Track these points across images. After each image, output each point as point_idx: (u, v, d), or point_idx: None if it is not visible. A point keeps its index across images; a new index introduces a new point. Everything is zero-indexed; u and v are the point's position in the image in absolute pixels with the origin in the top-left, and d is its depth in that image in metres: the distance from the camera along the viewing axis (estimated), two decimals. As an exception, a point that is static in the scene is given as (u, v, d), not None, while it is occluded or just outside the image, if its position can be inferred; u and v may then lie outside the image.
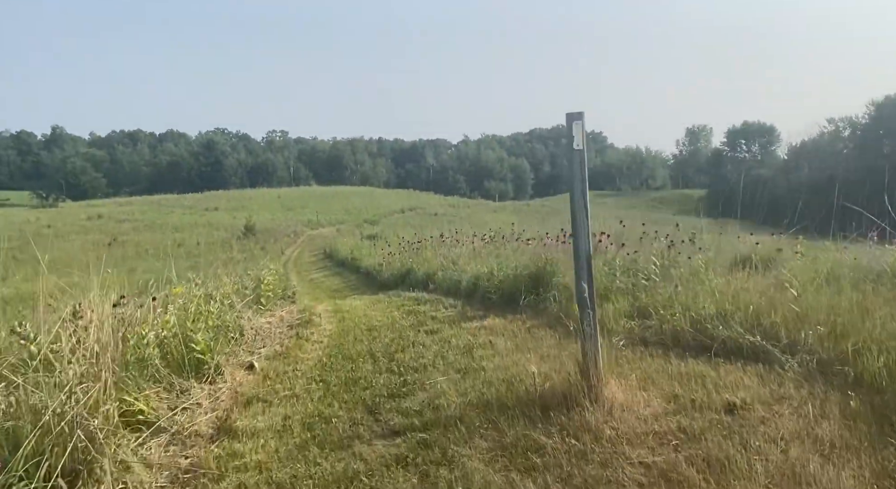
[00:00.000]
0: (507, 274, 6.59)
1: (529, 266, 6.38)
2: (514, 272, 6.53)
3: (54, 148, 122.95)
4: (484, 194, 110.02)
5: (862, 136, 78.07)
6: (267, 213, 61.89)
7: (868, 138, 75.58)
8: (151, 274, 23.52)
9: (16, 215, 61.48)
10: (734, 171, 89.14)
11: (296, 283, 17.98)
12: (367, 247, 21.37)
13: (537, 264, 6.26)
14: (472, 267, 8.54)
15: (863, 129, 79.09)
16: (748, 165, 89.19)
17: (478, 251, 11.05)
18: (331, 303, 10.52)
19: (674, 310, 4.41)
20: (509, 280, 6.48)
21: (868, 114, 79.38)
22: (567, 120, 3.12)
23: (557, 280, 5.79)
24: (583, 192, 3.18)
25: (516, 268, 6.59)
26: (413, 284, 10.90)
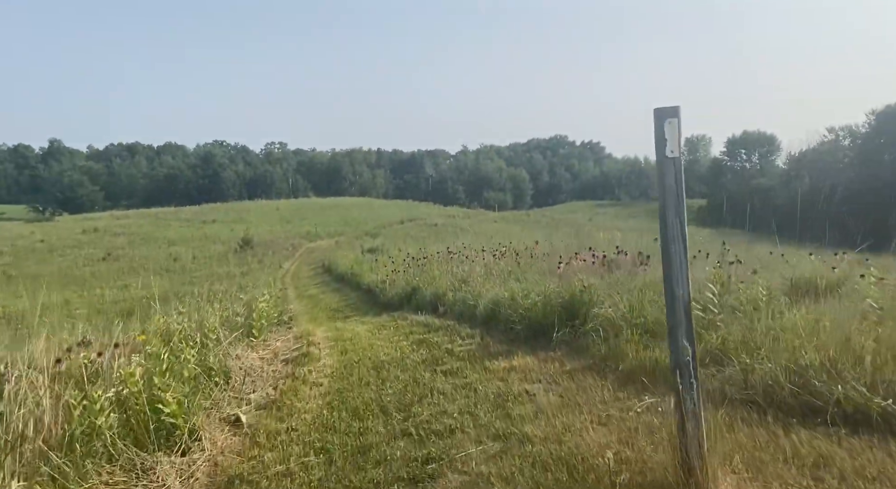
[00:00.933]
0: (535, 300, 5.72)
1: (562, 293, 5.52)
2: (543, 299, 5.67)
3: (52, 161, 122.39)
4: (483, 204, 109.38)
5: (862, 145, 77.50)
6: (265, 226, 61.14)
7: (868, 147, 74.99)
8: (145, 290, 22.47)
9: (10, 229, 60.61)
10: (734, 180, 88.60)
11: (293, 300, 17.12)
12: (368, 261, 20.50)
13: (571, 291, 5.41)
14: (487, 289, 7.68)
15: (863, 138, 78.54)
16: (748, 175, 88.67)
17: (490, 269, 10.21)
18: (331, 326, 9.67)
19: (759, 355, 3.55)
20: (537, 308, 5.62)
21: (868, 123, 78.89)
22: (656, 119, 2.30)
23: (598, 311, 4.93)
24: (678, 215, 2.36)
25: (545, 295, 5.73)
26: (420, 306, 10.04)
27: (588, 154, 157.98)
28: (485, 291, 7.52)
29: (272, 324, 8.52)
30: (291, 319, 9.48)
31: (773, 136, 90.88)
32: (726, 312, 4.68)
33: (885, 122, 74.14)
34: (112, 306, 21.38)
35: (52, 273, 35.35)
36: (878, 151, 72.02)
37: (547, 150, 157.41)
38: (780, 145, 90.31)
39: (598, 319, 4.83)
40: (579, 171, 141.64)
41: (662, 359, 3.85)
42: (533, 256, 10.18)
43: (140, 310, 16.99)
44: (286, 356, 6.67)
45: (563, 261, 9.01)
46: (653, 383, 3.63)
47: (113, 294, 25.73)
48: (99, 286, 29.51)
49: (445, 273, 10.74)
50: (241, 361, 5.52)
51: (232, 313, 7.36)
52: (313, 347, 7.00)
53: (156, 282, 30.93)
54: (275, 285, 21.36)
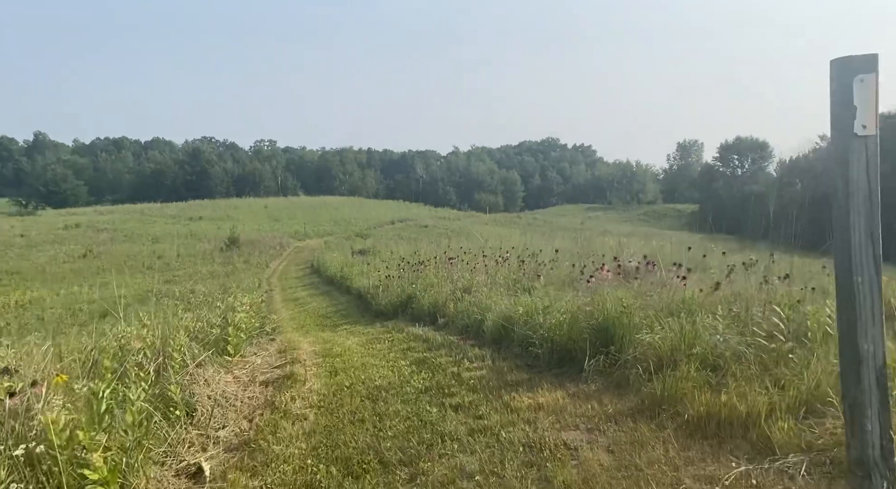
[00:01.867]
0: (559, 319, 4.87)
1: (594, 312, 4.67)
2: (569, 318, 4.83)
3: (36, 155, 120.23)
4: (474, 206, 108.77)
5: (855, 152, 77.77)
6: (253, 224, 60.11)
7: (861, 155, 75.24)
8: (125, 288, 21.45)
9: (-13, 224, 59.06)
10: (726, 186, 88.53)
11: (279, 304, 16.21)
12: (359, 264, 19.61)
13: (604, 310, 4.56)
14: (495, 301, 6.84)
15: (856, 145, 78.86)
16: (741, 181, 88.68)
17: (493, 277, 9.38)
18: (318, 337, 8.79)
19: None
20: (562, 329, 4.77)
21: (860, 130, 79.20)
22: (836, 76, 1.48)
23: (643, 337, 4.10)
24: (869, 227, 1.54)
25: (571, 314, 4.88)
26: (416, 316, 9.20)
27: (579, 157, 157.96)
28: (492, 304, 6.68)
29: (253, 336, 7.64)
30: (275, 330, 8.57)
31: (765, 142, 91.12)
32: (795, 341, 3.88)
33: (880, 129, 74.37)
34: (87, 306, 20.35)
35: (30, 269, 34.16)
36: (870, 160, 72.09)
37: (538, 153, 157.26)
38: (772, 152, 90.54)
39: (641, 347, 4.01)
40: (571, 175, 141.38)
41: (741, 408, 3.03)
42: (541, 263, 9.36)
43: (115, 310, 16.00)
44: (266, 376, 5.79)
45: (580, 269, 8.22)
46: (731, 439, 2.82)
47: (90, 292, 24.63)
48: (77, 284, 28.43)
49: (444, 280, 9.90)
50: (210, 387, 4.64)
51: (206, 325, 6.47)
52: (298, 365, 6.13)
53: (137, 280, 29.98)
54: (260, 288, 20.45)
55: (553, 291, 6.42)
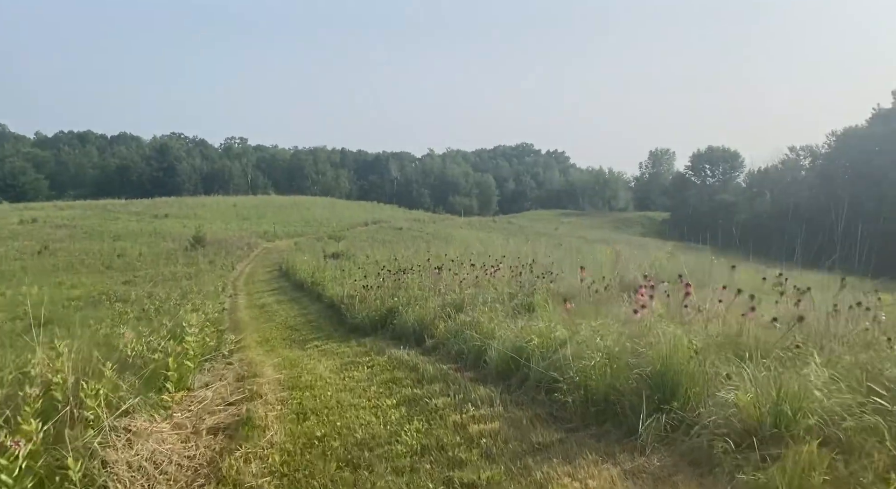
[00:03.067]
0: (598, 360, 3.79)
1: (652, 358, 3.57)
2: (606, 359, 3.76)
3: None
4: (449, 209, 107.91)
5: (823, 165, 79.17)
6: (220, 223, 58.11)
7: (829, 168, 76.61)
8: (79, 289, 19.81)
9: (-62, 217, 56.12)
10: (697, 195, 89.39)
11: (243, 310, 14.91)
12: (332, 268, 18.37)
13: (659, 351, 3.50)
14: (498, 324, 5.78)
15: (823, 158, 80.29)
16: (712, 190, 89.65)
17: (485, 288, 8.33)
18: (285, 357, 7.61)
19: None
20: (600, 373, 3.72)
21: (828, 144, 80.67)
22: None
23: (725, 395, 3.03)
24: None
25: (608, 353, 3.82)
26: (399, 333, 8.08)
27: (553, 163, 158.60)
28: (495, 328, 5.61)
29: (206, 359, 6.44)
30: (234, 350, 7.34)
31: (736, 152, 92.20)
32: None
33: (844, 143, 75.85)
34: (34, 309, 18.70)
35: (-26, 268, 31.94)
36: (837, 172, 73.44)
37: (513, 157, 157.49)
38: (743, 162, 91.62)
39: (719, 408, 2.96)
40: (544, 180, 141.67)
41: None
42: (538, 275, 8.33)
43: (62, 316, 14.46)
44: (217, 418, 4.62)
45: (588, 284, 7.23)
46: None
47: (40, 294, 22.85)
48: (29, 283, 26.53)
49: (430, 292, 8.80)
50: (134, 448, 3.45)
51: (146, 350, 5.25)
52: (258, 402, 4.98)
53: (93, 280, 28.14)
54: (223, 292, 19.05)
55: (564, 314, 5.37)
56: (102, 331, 9.91)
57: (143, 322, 11.97)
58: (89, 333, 6.04)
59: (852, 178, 68.27)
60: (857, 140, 71.61)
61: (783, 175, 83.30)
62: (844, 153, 74.50)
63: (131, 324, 11.37)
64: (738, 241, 34.99)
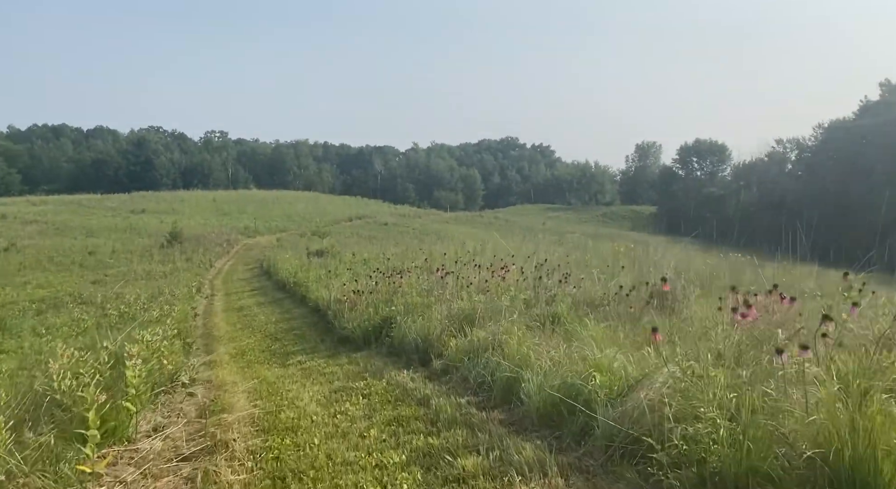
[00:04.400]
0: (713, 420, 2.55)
1: (812, 430, 2.29)
2: (732, 424, 2.49)
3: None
4: (434, 204, 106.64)
5: (810, 158, 79.08)
6: (199, 218, 56.38)
7: (815, 161, 76.53)
8: (44, 289, 18.16)
9: None
10: (684, 188, 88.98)
11: (219, 314, 13.58)
12: (316, 267, 17.06)
13: (833, 417, 2.26)
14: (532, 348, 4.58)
15: (811, 151, 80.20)
16: (699, 183, 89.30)
17: (493, 292, 7.14)
18: (263, 378, 6.37)
19: None
20: (731, 446, 2.46)
21: (815, 136, 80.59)
22: None
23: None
24: None
25: (745, 417, 2.54)
26: (398, 349, 6.86)
27: (538, 157, 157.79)
28: (529, 353, 4.41)
29: (159, 392, 5.15)
30: (194, 381, 6.03)
31: (723, 145, 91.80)
32: None
33: (831, 137, 75.77)
34: None
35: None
36: (823, 165, 73.33)
37: (498, 152, 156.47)
38: (730, 155, 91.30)
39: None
40: (530, 174, 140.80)
41: None
42: (564, 280, 7.14)
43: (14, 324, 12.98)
44: (166, 483, 3.38)
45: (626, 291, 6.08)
46: None
47: (2, 294, 21.25)
48: (-10, 284, 24.90)
49: (432, 300, 7.58)
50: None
51: (73, 387, 3.97)
52: (221, 458, 3.74)
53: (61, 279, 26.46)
54: (198, 293, 17.66)
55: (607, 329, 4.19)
56: (44, 346, 8.61)
57: (101, 330, 10.65)
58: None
59: (840, 171, 68.06)
60: (845, 132, 71.49)
61: (769, 168, 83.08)
62: (831, 145, 74.36)
63: (87, 334, 10.04)
64: (728, 234, 34.26)
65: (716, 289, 7.07)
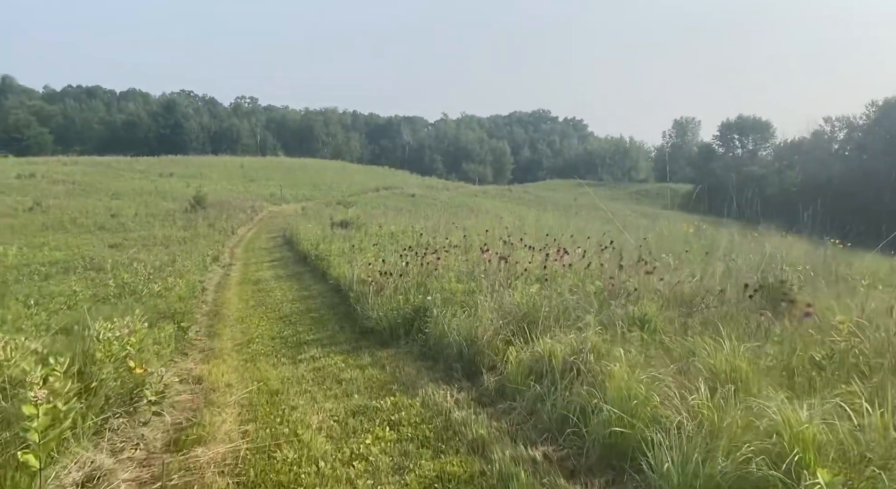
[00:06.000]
0: None
1: None
2: None
3: (2, 99, 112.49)
4: (462, 176, 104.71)
5: (861, 138, 74.98)
6: (226, 183, 55.65)
7: (867, 140, 72.48)
8: (60, 251, 17.12)
9: (-66, 170, 54.07)
10: (724, 166, 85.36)
11: (233, 288, 12.37)
12: (339, 239, 15.76)
13: None
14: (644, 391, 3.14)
15: (862, 130, 75.98)
16: (740, 161, 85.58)
17: (552, 280, 5.68)
18: (265, 380, 5.07)
19: None
20: None
21: (866, 115, 76.26)
22: None
23: None
24: None
25: None
26: (434, 350, 5.48)
27: (571, 131, 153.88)
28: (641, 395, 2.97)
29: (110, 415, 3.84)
30: (163, 397, 4.68)
31: (768, 122, 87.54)
32: None
33: (885, 115, 71.51)
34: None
35: (-42, 224, 29.66)
36: (875, 145, 69.40)
37: (529, 124, 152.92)
38: (774, 132, 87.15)
39: None
40: (561, 148, 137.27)
41: None
42: (650, 268, 5.65)
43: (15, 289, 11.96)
44: None
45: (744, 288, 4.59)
46: None
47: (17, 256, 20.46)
48: (8, 242, 24.26)
49: (475, 288, 6.15)
50: None
51: None
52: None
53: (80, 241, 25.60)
54: (215, 262, 16.55)
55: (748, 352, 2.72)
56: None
57: (99, 304, 9.55)
58: None
59: (893, 151, 64.08)
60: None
61: (815, 146, 79.10)
62: (885, 124, 70.15)
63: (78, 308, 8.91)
64: (767, 214, 31.91)
65: (846, 288, 5.49)
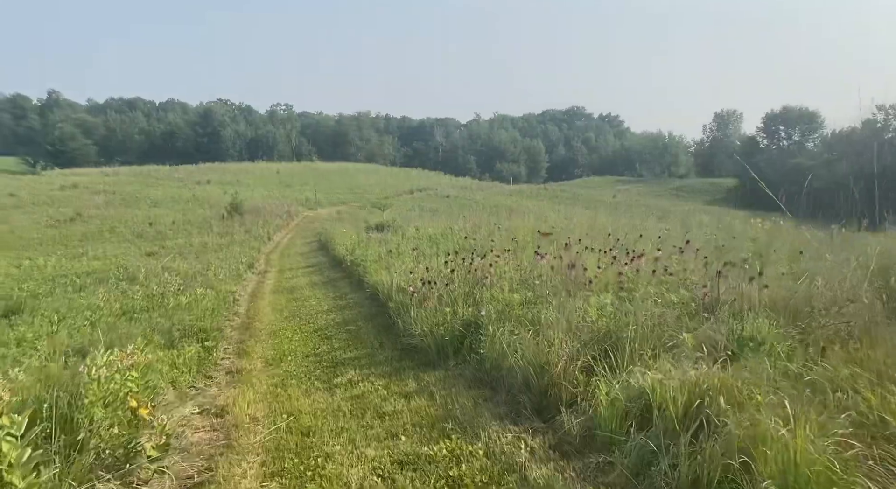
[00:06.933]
0: None
1: None
2: None
3: (48, 113, 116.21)
4: (495, 176, 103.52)
5: (917, 125, 71.02)
6: (262, 189, 55.91)
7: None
8: (98, 261, 16.81)
9: (-15, 183, 55.52)
10: (769, 159, 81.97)
11: (266, 297, 11.76)
12: (375, 244, 15.04)
13: None
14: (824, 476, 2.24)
15: (918, 118, 71.99)
16: (786, 154, 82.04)
17: (627, 290, 4.77)
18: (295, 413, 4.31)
19: None
20: None
21: (923, 102, 72.22)
22: None
23: None
24: None
25: None
26: (492, 375, 4.63)
27: (606, 127, 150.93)
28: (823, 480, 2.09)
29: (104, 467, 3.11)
30: (167, 441, 3.94)
31: (815, 112, 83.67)
32: None
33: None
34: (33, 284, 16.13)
35: (3, 233, 30.13)
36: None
37: (562, 122, 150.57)
38: (823, 122, 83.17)
39: None
40: (597, 145, 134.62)
41: None
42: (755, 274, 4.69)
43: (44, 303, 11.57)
44: None
45: None
46: None
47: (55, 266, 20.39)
48: (52, 252, 24.39)
49: (533, 296, 5.27)
50: None
51: None
52: None
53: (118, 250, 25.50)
54: (250, 269, 16.05)
55: None
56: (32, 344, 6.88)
57: (122, 319, 9.02)
58: None
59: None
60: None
61: (869, 138, 75.27)
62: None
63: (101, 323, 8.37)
64: (817, 208, 30.07)
65: None
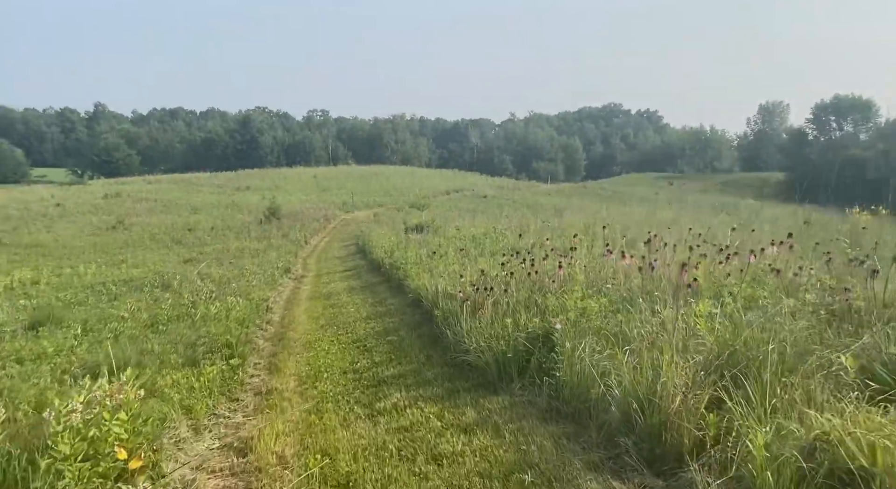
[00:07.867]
0: None
1: None
2: None
3: (94, 125, 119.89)
4: (532, 175, 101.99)
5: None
6: (300, 194, 55.97)
7: None
8: (137, 268, 16.46)
9: (34, 192, 57.11)
10: (819, 151, 78.24)
11: (302, 304, 11.03)
12: (415, 246, 14.21)
13: None
14: None
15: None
16: (837, 145, 78.19)
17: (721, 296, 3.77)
18: (334, 452, 3.46)
19: None
20: None
21: None
22: None
23: None
24: None
25: None
26: (574, 405, 3.71)
27: (645, 123, 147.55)
28: None
29: None
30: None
31: (869, 100, 79.40)
32: None
33: None
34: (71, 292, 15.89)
35: (51, 242, 30.48)
36: None
37: (600, 119, 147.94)
38: (878, 111, 78.89)
39: None
40: (636, 142, 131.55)
41: None
42: None
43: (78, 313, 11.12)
44: None
45: None
46: None
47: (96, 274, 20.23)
48: (90, 261, 24.39)
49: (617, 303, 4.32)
50: None
51: None
52: None
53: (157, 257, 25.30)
54: (286, 274, 15.44)
55: None
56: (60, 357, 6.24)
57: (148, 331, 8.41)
58: None
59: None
60: None
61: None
62: None
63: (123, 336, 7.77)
64: (871, 200, 27.78)
65: None
